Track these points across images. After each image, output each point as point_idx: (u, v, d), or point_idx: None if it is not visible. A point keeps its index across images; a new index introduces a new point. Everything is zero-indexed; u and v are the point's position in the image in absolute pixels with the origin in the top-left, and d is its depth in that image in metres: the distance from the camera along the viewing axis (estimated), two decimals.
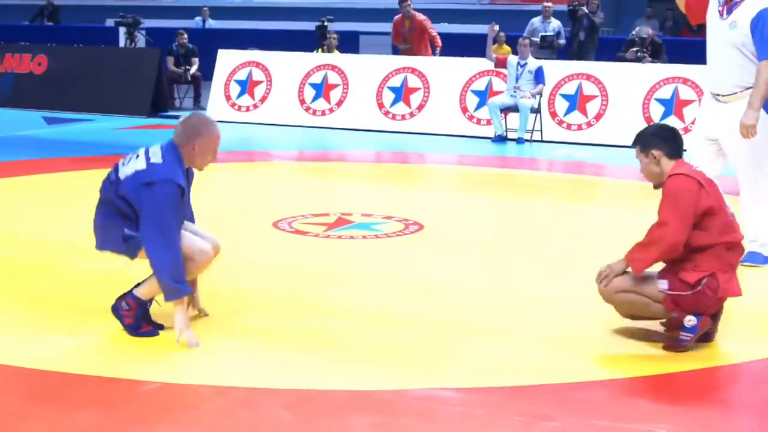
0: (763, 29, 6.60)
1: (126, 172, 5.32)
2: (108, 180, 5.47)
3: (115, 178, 5.39)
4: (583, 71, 14.89)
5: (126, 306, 5.42)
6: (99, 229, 5.58)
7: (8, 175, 10.61)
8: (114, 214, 5.45)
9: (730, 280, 5.38)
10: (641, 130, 5.98)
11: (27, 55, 18.42)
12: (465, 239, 8.01)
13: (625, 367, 5.07)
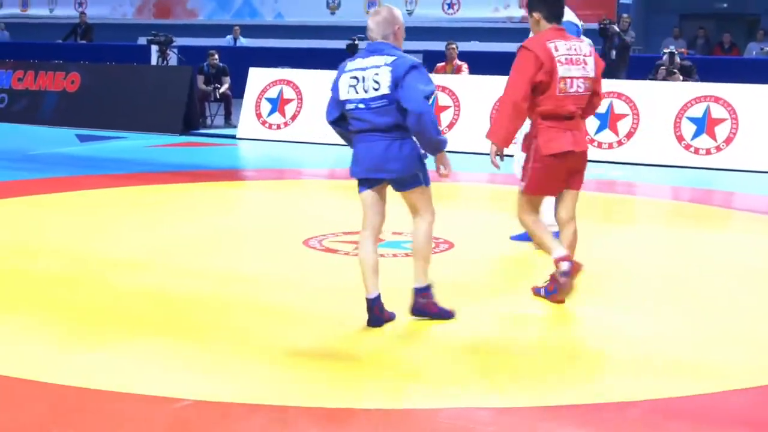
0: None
1: (377, 84, 5.75)
2: (365, 109, 5.81)
3: (376, 97, 5.78)
4: (614, 89, 14.85)
5: (423, 300, 5.96)
6: (390, 161, 5.86)
7: (42, 191, 10.70)
8: (396, 134, 5.85)
9: (551, 140, 6.21)
10: None
11: (60, 73, 18.58)
12: (494, 257, 8.00)
13: (657, 388, 5.04)
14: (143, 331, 5.72)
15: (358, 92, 5.81)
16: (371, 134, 5.85)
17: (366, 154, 5.89)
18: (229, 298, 6.52)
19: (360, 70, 5.83)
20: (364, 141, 5.89)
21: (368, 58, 5.85)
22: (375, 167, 5.88)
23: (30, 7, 30.46)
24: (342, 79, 5.88)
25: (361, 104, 5.82)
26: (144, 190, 11.15)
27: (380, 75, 5.76)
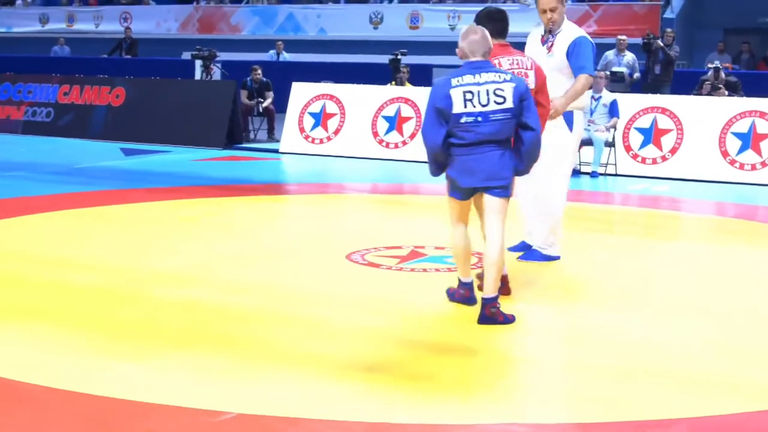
0: (577, 52, 7.72)
1: (502, 98, 6.22)
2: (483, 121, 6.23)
3: (498, 110, 6.23)
4: (658, 104, 14.77)
5: (493, 309, 6.28)
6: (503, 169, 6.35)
7: (88, 205, 10.78)
8: (506, 145, 6.38)
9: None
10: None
11: (106, 87, 18.76)
12: (536, 273, 7.96)
13: (702, 405, 4.99)
14: (185, 343, 5.75)
15: (475, 105, 6.20)
16: (485, 146, 6.27)
17: (481, 164, 6.29)
18: (271, 312, 6.53)
19: (474, 85, 6.22)
20: (475, 153, 6.29)
21: (480, 74, 6.25)
22: (491, 176, 6.32)
23: (76, 22, 30.77)
24: (454, 93, 6.20)
25: (480, 117, 6.21)
26: (187, 203, 11.21)
27: (504, 90, 6.23)
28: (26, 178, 12.95)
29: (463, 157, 6.32)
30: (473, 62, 6.33)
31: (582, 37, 8.01)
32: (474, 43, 6.34)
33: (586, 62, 7.88)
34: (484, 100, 6.21)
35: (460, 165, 6.36)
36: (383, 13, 26.51)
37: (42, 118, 19.17)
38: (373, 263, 8.08)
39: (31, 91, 19.58)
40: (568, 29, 8.08)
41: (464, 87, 6.22)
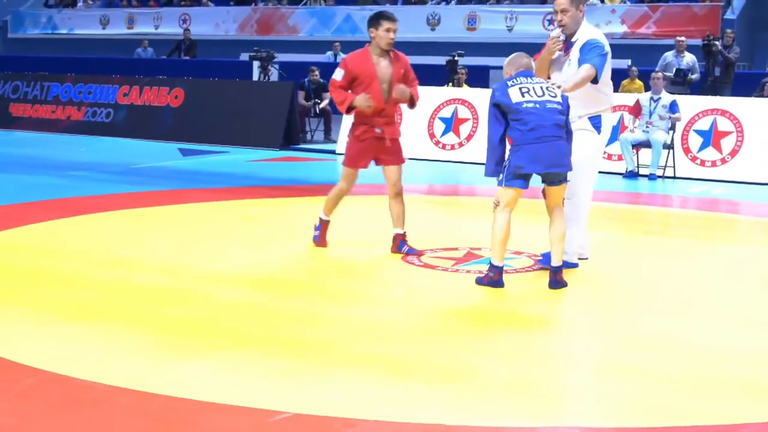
0: (585, 51, 7.73)
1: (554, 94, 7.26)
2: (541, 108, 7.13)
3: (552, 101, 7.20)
4: (718, 107, 14.62)
5: (562, 276, 7.31)
6: (565, 156, 7.23)
7: (145, 205, 10.89)
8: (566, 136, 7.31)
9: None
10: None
11: (165, 88, 18.94)
12: (592, 275, 7.91)
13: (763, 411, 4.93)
14: (242, 343, 5.79)
15: (532, 96, 7.13)
16: (549, 136, 7.08)
17: (547, 151, 7.08)
18: (326, 313, 6.55)
19: (528, 83, 7.20)
20: (541, 141, 7.06)
21: (530, 78, 7.28)
22: (555, 163, 7.14)
23: (136, 24, 31.08)
24: (512, 90, 7.16)
25: (538, 105, 7.10)
26: (244, 204, 11.28)
27: (554, 90, 7.28)
28: (86, 178, 13.10)
29: (531, 145, 7.06)
30: (523, 71, 7.34)
31: (593, 39, 7.78)
32: (525, 64, 7.42)
33: (591, 59, 7.65)
34: (540, 92, 7.17)
35: (526, 153, 7.07)
36: (440, 15, 26.49)
37: (102, 119, 19.41)
38: (429, 264, 8.08)
39: (92, 91, 19.84)
40: (585, 34, 7.85)
41: (520, 84, 7.19)
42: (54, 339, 5.87)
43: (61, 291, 7.02)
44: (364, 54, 8.37)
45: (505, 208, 7.26)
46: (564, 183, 7.32)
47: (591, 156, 7.93)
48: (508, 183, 7.21)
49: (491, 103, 7.23)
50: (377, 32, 8.29)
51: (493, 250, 7.29)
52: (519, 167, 7.11)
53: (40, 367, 5.26)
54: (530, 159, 7.08)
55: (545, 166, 7.13)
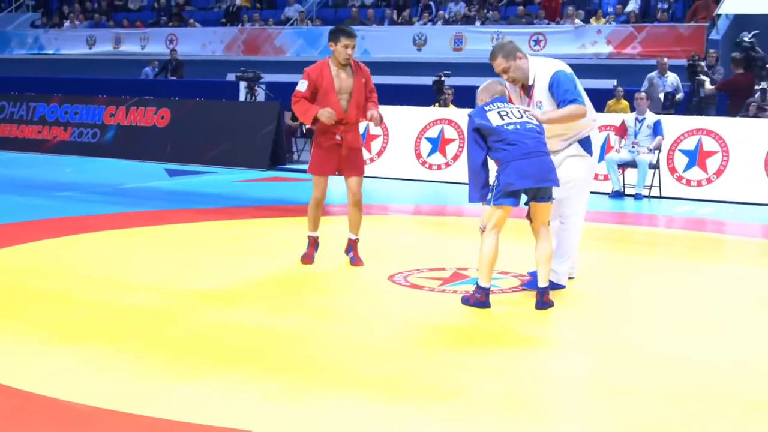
0: (557, 89, 7.60)
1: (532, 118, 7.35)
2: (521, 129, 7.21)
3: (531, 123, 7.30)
4: (703, 126, 14.69)
5: (548, 297, 7.29)
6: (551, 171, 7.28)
7: (132, 225, 10.88)
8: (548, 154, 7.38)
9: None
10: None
11: (151, 108, 18.94)
12: (580, 295, 7.93)
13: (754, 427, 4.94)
14: (230, 363, 5.78)
15: (511, 118, 7.21)
16: (535, 152, 7.14)
17: (535, 167, 7.13)
18: (316, 334, 6.55)
19: (504, 108, 7.30)
20: (528, 157, 7.11)
21: (506, 102, 7.39)
22: (543, 178, 7.17)
23: (123, 44, 31.08)
24: (490, 113, 7.23)
25: (519, 126, 7.18)
26: (232, 224, 11.28)
27: (528, 114, 7.35)
28: (72, 199, 13.08)
29: (519, 162, 7.10)
30: (497, 97, 7.44)
31: (557, 72, 7.64)
32: (499, 91, 7.51)
33: (568, 94, 7.54)
34: (518, 115, 7.27)
35: (515, 169, 7.11)
36: (427, 35, 26.54)
37: (88, 139, 19.39)
38: (415, 285, 8.08)
39: (78, 112, 19.82)
40: (541, 73, 7.69)
41: (498, 108, 7.29)
42: (40, 359, 5.84)
43: (47, 311, 7.00)
44: (324, 66, 8.65)
45: (494, 229, 7.27)
46: (551, 201, 7.34)
47: (583, 179, 7.94)
48: (497, 202, 7.21)
49: (470, 129, 7.28)
50: (336, 47, 8.51)
51: (481, 270, 7.29)
52: (510, 184, 7.12)
53: (24, 389, 5.24)
54: (519, 175, 7.10)
55: (535, 181, 7.15)
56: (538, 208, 7.36)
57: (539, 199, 7.30)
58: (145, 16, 32.39)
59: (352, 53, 8.51)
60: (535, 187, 7.20)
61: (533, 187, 7.21)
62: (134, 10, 33.19)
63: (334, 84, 8.56)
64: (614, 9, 25.38)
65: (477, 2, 27.25)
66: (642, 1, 25.27)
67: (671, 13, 24.78)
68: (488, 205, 7.29)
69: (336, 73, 8.60)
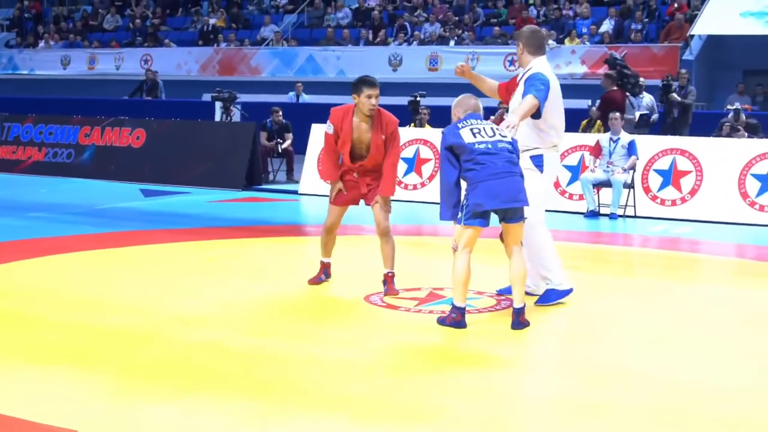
0: (528, 82, 7.96)
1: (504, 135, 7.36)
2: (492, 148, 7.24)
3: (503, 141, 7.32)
4: (677, 146, 14.77)
5: (524, 317, 7.29)
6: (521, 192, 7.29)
7: (107, 246, 10.83)
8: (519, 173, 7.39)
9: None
10: None
11: (126, 129, 18.88)
12: (555, 315, 7.95)
13: None
14: (208, 385, 5.76)
15: (483, 137, 7.23)
16: (505, 172, 7.16)
17: (503, 187, 7.15)
18: (293, 354, 6.53)
19: (477, 125, 7.34)
20: (497, 178, 7.13)
21: (479, 120, 7.43)
22: (511, 198, 7.19)
23: (97, 64, 31.03)
24: (463, 131, 7.27)
25: (490, 145, 7.20)
26: (208, 245, 11.25)
27: (501, 131, 7.37)
28: (47, 219, 13.02)
29: (488, 182, 7.11)
30: (471, 114, 7.53)
31: (536, 72, 8.01)
32: (473, 106, 7.63)
33: (531, 89, 7.86)
34: (490, 133, 7.30)
35: (484, 190, 7.12)
36: (402, 55, 26.64)
37: (63, 159, 19.31)
38: (391, 305, 8.08)
39: (53, 132, 19.74)
40: (533, 69, 8.11)
41: (470, 126, 7.33)
42: (14, 382, 5.81)
43: (21, 333, 6.96)
44: (348, 112, 8.47)
45: (465, 248, 7.28)
46: (522, 221, 7.36)
47: (533, 194, 7.79)
48: (467, 222, 7.24)
49: (443, 147, 7.33)
50: (359, 98, 8.38)
51: (455, 290, 7.29)
52: (478, 204, 7.15)
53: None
54: (488, 195, 7.12)
55: (503, 201, 7.17)
56: (509, 228, 7.38)
57: (509, 220, 7.32)
58: (120, 36, 32.37)
59: (376, 103, 8.36)
60: (503, 207, 7.21)
61: (502, 208, 7.21)
62: (109, 30, 33.16)
63: (353, 135, 8.42)
64: (588, 29, 25.53)
65: (452, 23, 27.36)
66: (616, 22, 25.43)
67: (645, 33, 24.96)
68: (458, 225, 7.31)
69: (357, 124, 8.42)
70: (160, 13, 32.81)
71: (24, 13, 35.83)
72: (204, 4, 32.78)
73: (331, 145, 8.54)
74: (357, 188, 8.66)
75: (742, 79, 23.60)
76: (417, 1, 29.06)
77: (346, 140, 8.41)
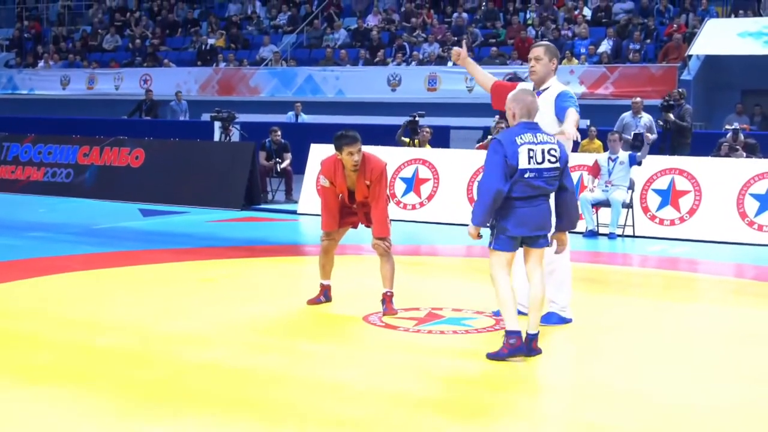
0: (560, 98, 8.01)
1: (554, 158, 7.04)
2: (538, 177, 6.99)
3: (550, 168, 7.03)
4: (676, 166, 14.78)
5: (536, 343, 7.08)
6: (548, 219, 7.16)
7: (106, 265, 10.82)
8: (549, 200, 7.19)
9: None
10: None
11: (125, 148, 18.90)
12: (555, 334, 7.93)
13: None
14: (205, 405, 5.74)
15: (533, 163, 6.93)
16: (537, 199, 7.02)
17: (532, 216, 7.01)
18: (291, 375, 6.52)
19: (534, 144, 6.97)
20: (529, 205, 6.99)
21: (536, 135, 7.03)
22: (540, 226, 7.07)
23: (96, 84, 31.07)
24: (521, 150, 6.91)
25: (536, 173, 6.96)
26: (206, 264, 11.24)
27: (555, 151, 7.04)
28: (45, 239, 13.01)
29: (520, 209, 6.98)
30: (528, 123, 7.10)
31: (566, 91, 8.13)
32: (532, 104, 7.15)
33: (568, 102, 7.94)
34: (540, 158, 6.97)
35: (515, 216, 6.99)
36: (401, 75, 26.68)
37: (62, 179, 19.31)
38: (390, 325, 8.07)
39: (52, 152, 19.74)
40: (553, 88, 8.16)
41: (528, 145, 6.96)
42: (10, 402, 5.79)
43: (17, 353, 6.95)
44: (337, 166, 8.65)
45: (505, 274, 7.05)
46: (546, 246, 7.21)
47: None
48: (496, 247, 7.06)
49: (501, 160, 6.89)
50: (342, 156, 8.54)
51: (504, 316, 7.04)
52: (505, 230, 7.01)
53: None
54: (517, 222, 6.99)
55: (530, 229, 7.03)
56: (530, 252, 7.21)
57: (533, 245, 7.16)
58: (119, 56, 32.42)
59: (359, 158, 8.49)
60: (531, 235, 7.08)
61: (529, 236, 7.08)
62: (109, 50, 33.20)
63: (347, 183, 8.63)
64: (587, 50, 25.58)
65: (451, 43, 27.41)
66: (614, 42, 25.48)
67: (643, 54, 25.00)
68: (490, 248, 7.13)
69: (348, 174, 8.61)
70: (160, 33, 32.86)
71: (24, 33, 35.89)
72: (203, 25, 32.84)
73: (330, 197, 8.69)
74: (354, 214, 8.75)
75: (740, 99, 23.65)
76: (416, 21, 29.12)
77: (342, 190, 8.62)
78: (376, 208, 8.54)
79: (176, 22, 33.47)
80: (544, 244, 7.19)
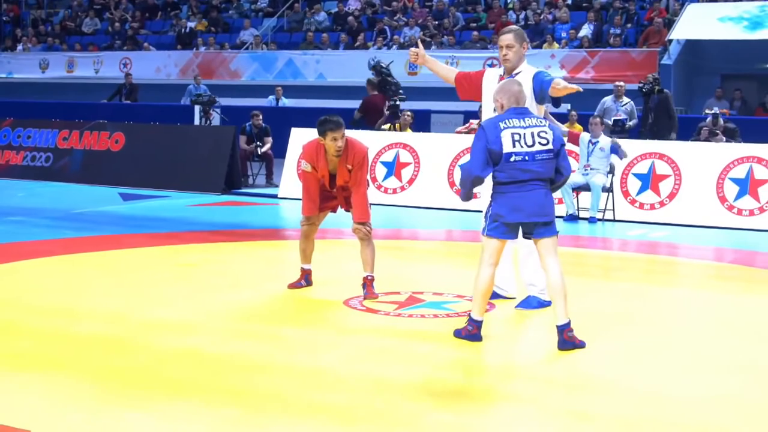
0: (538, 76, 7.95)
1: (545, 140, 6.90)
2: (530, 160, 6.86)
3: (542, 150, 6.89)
4: (656, 150, 14.81)
5: (570, 334, 6.84)
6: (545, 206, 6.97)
7: (85, 250, 10.78)
8: (548, 184, 7.02)
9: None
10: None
11: (105, 132, 18.81)
12: (536, 319, 7.95)
13: None
14: (185, 392, 5.73)
15: (522, 146, 6.81)
16: (529, 183, 6.86)
17: (527, 201, 6.86)
18: (271, 361, 6.51)
19: (520, 128, 6.86)
20: (522, 190, 6.86)
21: (524, 119, 6.92)
22: (536, 212, 6.90)
23: (76, 68, 30.91)
24: (504, 135, 6.81)
25: (527, 156, 6.82)
26: (186, 248, 11.21)
27: (546, 134, 6.91)
28: (24, 224, 12.95)
29: (512, 194, 6.87)
30: (517, 108, 7.00)
31: (540, 70, 8.08)
32: (519, 93, 7.04)
33: (550, 76, 7.90)
34: (530, 141, 6.85)
35: (507, 201, 6.89)
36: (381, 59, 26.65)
37: (41, 163, 19.22)
38: (370, 309, 8.07)
39: (31, 136, 19.64)
40: (526, 72, 8.05)
41: (512, 129, 6.85)
42: None
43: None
44: (319, 150, 8.54)
45: (490, 263, 6.99)
46: (554, 235, 7.06)
47: None
48: (489, 233, 7.00)
49: (483, 145, 6.87)
50: (325, 141, 8.43)
51: (474, 303, 7.05)
52: (499, 216, 6.93)
53: None
54: (510, 208, 6.89)
55: (526, 215, 6.90)
56: (540, 244, 7.06)
57: (540, 235, 7.02)
58: (99, 39, 32.25)
59: (342, 144, 8.40)
60: (527, 222, 6.94)
61: (526, 222, 6.96)
62: (88, 33, 33.02)
63: (329, 167, 8.56)
64: (567, 34, 25.58)
65: (432, 27, 27.37)
66: (595, 27, 25.49)
67: (624, 38, 25.03)
68: (483, 235, 7.10)
69: (330, 158, 8.52)
70: (139, 17, 32.71)
71: (2, 16, 35.68)
72: (183, 8, 32.70)
73: (311, 182, 8.64)
74: (334, 198, 8.73)
75: (720, 84, 23.72)
76: (397, 5, 29.06)
77: (324, 174, 8.56)
78: (357, 192, 8.52)
79: (156, 6, 33.32)
80: (552, 232, 7.03)
